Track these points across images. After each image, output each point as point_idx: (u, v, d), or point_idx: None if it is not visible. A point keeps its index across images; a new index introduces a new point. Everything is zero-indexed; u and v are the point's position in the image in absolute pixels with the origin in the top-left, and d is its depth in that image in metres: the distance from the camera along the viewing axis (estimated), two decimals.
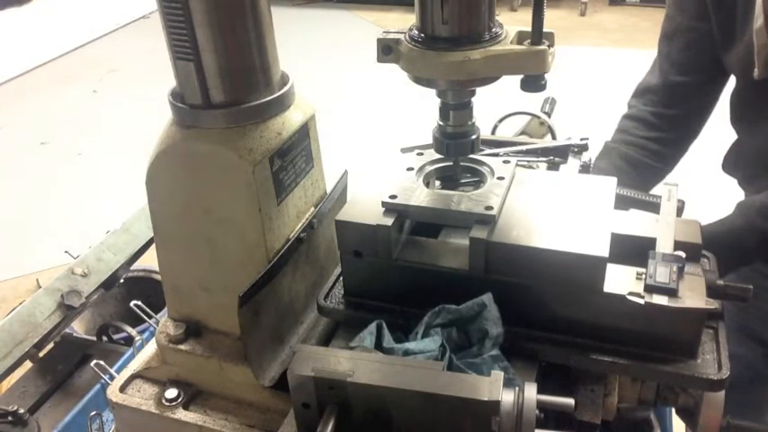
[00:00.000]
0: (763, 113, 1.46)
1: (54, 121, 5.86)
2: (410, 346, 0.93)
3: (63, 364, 1.93)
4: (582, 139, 1.61)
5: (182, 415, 1.08)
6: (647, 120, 1.69)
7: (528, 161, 1.56)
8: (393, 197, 1.02)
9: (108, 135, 5.52)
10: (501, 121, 1.87)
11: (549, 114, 1.97)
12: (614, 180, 1.09)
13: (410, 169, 1.10)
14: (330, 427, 0.83)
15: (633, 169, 1.65)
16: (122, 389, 1.14)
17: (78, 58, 7.42)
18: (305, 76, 1.37)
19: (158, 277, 1.66)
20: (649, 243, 0.99)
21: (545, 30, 0.91)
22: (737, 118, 1.54)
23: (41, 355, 1.87)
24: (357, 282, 1.07)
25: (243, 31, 0.96)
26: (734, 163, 1.64)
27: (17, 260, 3.95)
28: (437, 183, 1.14)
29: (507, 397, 0.80)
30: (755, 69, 1.35)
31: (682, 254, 0.95)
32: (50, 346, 1.92)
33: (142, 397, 1.13)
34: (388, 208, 1.01)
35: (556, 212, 1.02)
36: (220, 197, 1.01)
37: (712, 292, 0.95)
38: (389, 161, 1.15)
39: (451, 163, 1.12)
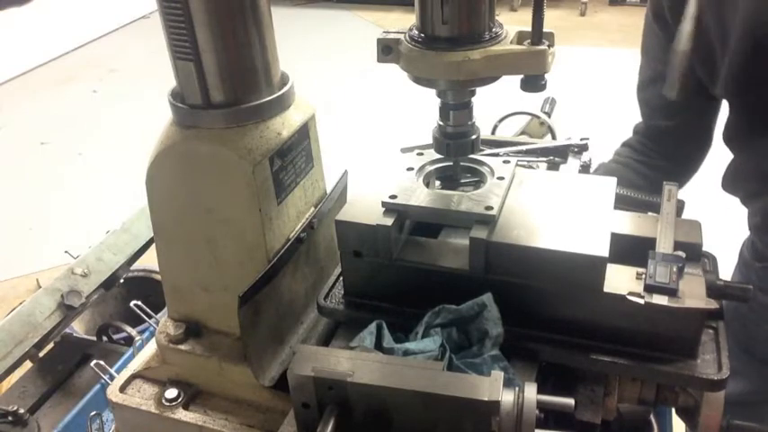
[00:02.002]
0: (755, 132, 1.46)
1: (54, 121, 5.86)
2: (410, 346, 0.93)
3: (63, 364, 1.93)
4: (582, 139, 1.61)
5: (182, 415, 1.08)
6: (637, 148, 1.74)
7: (528, 161, 1.56)
8: (393, 197, 1.02)
9: (108, 135, 5.51)
10: (501, 121, 1.87)
11: (549, 114, 1.97)
12: (614, 180, 1.09)
13: (410, 169, 1.10)
14: (330, 427, 0.84)
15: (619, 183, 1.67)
16: (122, 389, 1.14)
17: (78, 58, 7.42)
18: (305, 76, 1.37)
19: (158, 277, 1.65)
20: (649, 243, 0.99)
21: (545, 30, 0.91)
22: (730, 138, 1.54)
23: (41, 355, 1.87)
24: (357, 282, 1.07)
25: (243, 31, 0.96)
26: (733, 182, 1.63)
27: (17, 260, 3.95)
28: (437, 183, 1.14)
29: (507, 397, 0.80)
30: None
31: (682, 254, 0.95)
32: (50, 346, 1.92)
33: (142, 397, 1.13)
34: (388, 208, 1.01)
35: (556, 212, 1.02)
36: (220, 197, 1.01)
37: (712, 292, 0.95)
38: (389, 161, 1.15)
39: (451, 163, 1.12)
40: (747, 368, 1.66)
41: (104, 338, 2.16)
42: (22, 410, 1.66)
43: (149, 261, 1.81)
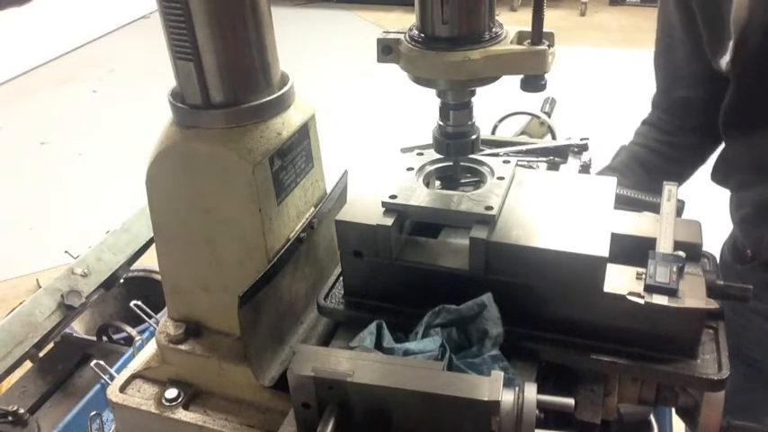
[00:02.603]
0: (761, 120, 1.42)
1: (54, 121, 5.86)
2: (410, 346, 0.93)
3: (63, 364, 1.93)
4: (582, 139, 1.61)
5: (182, 415, 1.08)
6: (660, 126, 1.68)
7: (528, 161, 1.56)
8: (393, 197, 1.02)
9: (108, 135, 5.52)
10: (501, 121, 1.87)
11: (549, 114, 1.97)
12: (614, 180, 1.09)
13: (410, 169, 1.10)
14: (330, 427, 0.84)
15: (642, 169, 1.64)
16: (122, 389, 1.14)
17: (78, 58, 7.43)
18: (305, 76, 1.37)
19: (158, 277, 1.66)
20: (649, 243, 0.99)
21: (545, 30, 0.91)
22: (732, 124, 1.49)
23: (41, 355, 1.87)
24: (357, 282, 1.07)
25: (243, 31, 0.96)
26: (725, 172, 1.59)
27: (17, 260, 3.95)
28: (437, 183, 1.14)
29: (507, 397, 0.80)
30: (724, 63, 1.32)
31: (682, 254, 0.95)
32: (50, 346, 1.92)
33: (142, 397, 1.13)
34: (388, 208, 1.01)
35: (556, 212, 1.02)
36: (220, 197, 1.01)
37: (712, 292, 0.95)
38: (389, 161, 1.15)
39: (451, 163, 1.12)
40: (733, 370, 1.65)
41: (104, 338, 2.16)
42: (22, 410, 1.66)
43: (149, 261, 1.81)
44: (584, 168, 1.56)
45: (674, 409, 1.07)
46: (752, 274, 1.59)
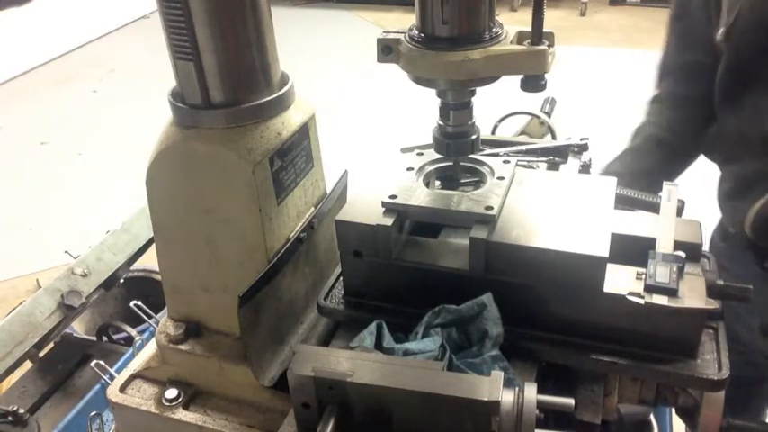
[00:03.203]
0: (749, 93, 1.43)
1: (54, 121, 5.86)
2: (410, 346, 0.93)
3: (63, 364, 1.93)
4: (582, 139, 1.61)
5: (182, 415, 1.08)
6: (670, 101, 1.69)
7: (528, 161, 1.56)
8: (393, 197, 1.02)
9: (108, 135, 5.52)
10: (501, 121, 1.87)
11: (549, 114, 1.97)
12: (614, 180, 1.10)
13: (410, 169, 1.10)
14: (330, 427, 0.84)
15: (659, 148, 1.67)
16: (122, 389, 1.14)
17: (78, 58, 7.43)
18: (305, 76, 1.37)
19: (158, 277, 1.65)
20: (649, 243, 0.99)
21: (545, 30, 0.91)
22: (723, 97, 1.51)
23: (41, 355, 1.87)
24: (357, 282, 1.07)
25: (243, 31, 0.96)
26: (713, 145, 1.61)
27: (17, 260, 3.95)
28: (437, 183, 1.14)
29: (507, 397, 0.80)
30: (722, 29, 1.35)
31: (682, 254, 0.95)
32: (50, 346, 1.92)
33: (142, 397, 1.13)
34: (388, 208, 1.01)
35: (556, 212, 1.02)
36: (220, 197, 1.01)
37: (712, 292, 0.95)
38: (389, 161, 1.15)
39: (451, 163, 1.12)
40: (738, 359, 1.65)
41: (104, 338, 2.16)
42: (22, 410, 1.66)
43: (149, 261, 1.81)
44: (585, 168, 1.56)
45: (673, 409, 1.07)
46: (734, 250, 1.60)
